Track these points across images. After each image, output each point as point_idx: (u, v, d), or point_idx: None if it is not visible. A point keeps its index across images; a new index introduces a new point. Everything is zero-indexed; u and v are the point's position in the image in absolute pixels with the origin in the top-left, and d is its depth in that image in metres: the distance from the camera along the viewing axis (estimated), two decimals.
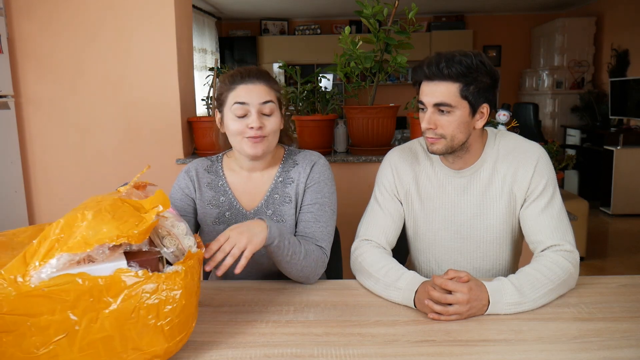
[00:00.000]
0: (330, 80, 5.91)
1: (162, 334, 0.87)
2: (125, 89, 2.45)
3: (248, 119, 1.32)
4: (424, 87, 1.29)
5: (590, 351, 0.96)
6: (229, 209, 1.44)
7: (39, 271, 0.80)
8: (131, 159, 2.47)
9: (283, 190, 1.42)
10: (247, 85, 1.34)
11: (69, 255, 0.81)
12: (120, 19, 2.39)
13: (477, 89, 1.24)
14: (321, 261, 1.33)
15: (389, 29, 2.30)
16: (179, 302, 0.87)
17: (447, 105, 1.25)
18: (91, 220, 0.84)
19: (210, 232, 1.43)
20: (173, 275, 0.87)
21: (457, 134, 1.27)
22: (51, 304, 0.80)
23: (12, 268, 0.80)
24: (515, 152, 1.34)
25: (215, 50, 6.98)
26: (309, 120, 2.50)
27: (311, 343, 1.01)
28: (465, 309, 1.08)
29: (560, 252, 1.24)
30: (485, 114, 1.29)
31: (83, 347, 0.82)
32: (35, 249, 0.82)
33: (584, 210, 3.52)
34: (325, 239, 1.37)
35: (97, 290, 0.82)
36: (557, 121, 6.59)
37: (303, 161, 1.44)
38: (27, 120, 2.49)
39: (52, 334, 0.80)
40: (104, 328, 0.83)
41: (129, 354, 0.85)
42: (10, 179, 2.39)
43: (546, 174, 1.31)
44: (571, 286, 1.24)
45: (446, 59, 1.23)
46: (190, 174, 1.46)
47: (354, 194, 2.48)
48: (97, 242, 0.82)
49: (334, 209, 1.42)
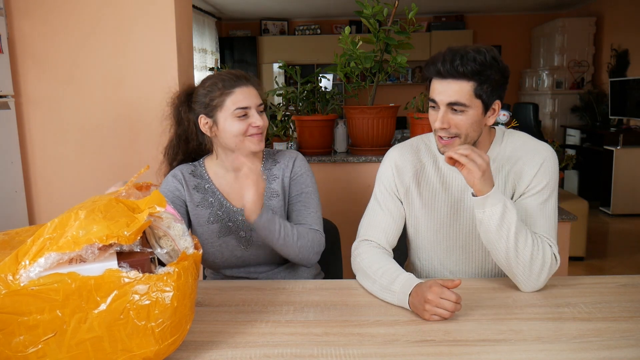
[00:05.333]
0: (330, 80, 5.91)
1: (153, 336, 0.85)
2: (126, 89, 2.45)
3: (250, 119, 1.40)
4: (436, 84, 1.25)
5: (590, 351, 0.96)
6: (220, 208, 1.47)
7: (28, 270, 0.80)
8: (131, 159, 2.47)
9: (268, 186, 1.49)
10: (243, 88, 1.41)
11: (58, 255, 0.81)
12: (120, 19, 2.39)
13: (490, 88, 1.22)
14: (317, 240, 1.43)
15: (389, 29, 2.30)
16: (170, 304, 0.86)
17: (462, 104, 1.22)
18: (83, 220, 0.84)
19: (205, 232, 1.46)
20: (165, 276, 0.86)
21: (470, 132, 1.26)
22: (40, 303, 0.80)
23: (4, 266, 0.80)
24: (522, 151, 1.33)
25: (215, 50, 6.98)
26: (309, 120, 2.50)
27: (311, 343, 1.01)
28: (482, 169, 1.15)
29: (548, 245, 1.24)
30: (497, 110, 1.28)
31: (72, 347, 0.82)
32: (28, 248, 0.83)
33: (584, 210, 3.52)
34: (317, 222, 1.47)
35: (87, 290, 0.81)
36: (557, 121, 6.59)
37: (283, 159, 1.52)
38: (27, 120, 2.49)
39: (41, 333, 0.80)
40: (93, 328, 0.82)
41: (119, 355, 0.84)
42: (10, 179, 2.39)
43: (549, 175, 1.30)
44: (538, 279, 1.22)
45: (460, 56, 1.20)
46: (178, 177, 1.49)
47: (354, 194, 2.48)
48: (86, 242, 0.82)
49: (318, 196, 1.52)
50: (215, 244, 1.46)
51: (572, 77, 6.52)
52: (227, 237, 1.45)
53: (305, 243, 1.40)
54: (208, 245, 1.46)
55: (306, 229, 1.43)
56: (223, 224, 1.46)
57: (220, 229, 1.46)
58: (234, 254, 1.46)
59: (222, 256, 1.46)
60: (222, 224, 1.46)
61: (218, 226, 1.46)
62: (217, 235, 1.45)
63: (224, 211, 1.47)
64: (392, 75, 7.48)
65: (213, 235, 1.45)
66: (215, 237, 1.45)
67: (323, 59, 7.07)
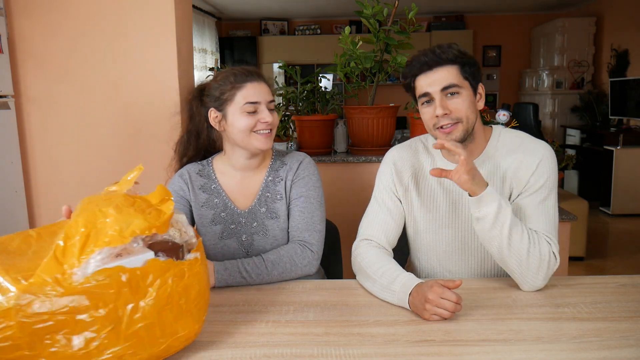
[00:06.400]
0: (330, 80, 5.90)
1: (192, 316, 0.94)
2: (126, 89, 2.45)
3: (259, 115, 1.39)
4: (423, 79, 1.29)
5: (590, 351, 0.96)
6: (224, 209, 1.46)
7: (82, 267, 0.82)
8: (131, 159, 2.47)
9: (274, 188, 1.46)
10: (254, 83, 1.40)
11: (109, 249, 0.85)
12: (120, 19, 2.39)
13: (472, 70, 1.29)
14: (299, 255, 1.36)
15: (389, 29, 2.30)
16: (200, 285, 0.96)
17: (455, 86, 1.26)
18: (117, 215, 0.88)
19: (207, 233, 1.45)
20: (193, 261, 0.94)
21: (470, 115, 1.28)
22: (95, 299, 0.82)
23: (48, 269, 0.81)
24: (520, 149, 1.33)
25: (215, 50, 6.98)
26: (309, 120, 2.50)
27: (311, 343, 1.01)
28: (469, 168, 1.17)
29: (546, 242, 1.24)
30: (483, 94, 1.34)
31: (128, 337, 0.86)
32: (65, 248, 0.84)
33: (584, 210, 3.52)
34: (311, 229, 1.41)
35: (135, 281, 0.86)
36: (557, 121, 6.59)
37: (290, 160, 1.50)
38: (27, 120, 2.49)
39: (100, 328, 0.83)
40: (145, 316, 0.87)
41: (167, 338, 0.91)
42: (10, 179, 2.39)
43: (547, 173, 1.30)
44: (537, 277, 1.22)
45: (439, 46, 1.28)
46: (184, 177, 1.49)
47: (354, 194, 2.48)
48: (131, 234, 0.86)
49: (320, 201, 1.46)
50: (217, 246, 1.45)
51: (572, 77, 6.52)
52: (228, 240, 1.45)
53: (284, 268, 1.33)
54: (210, 247, 1.45)
55: (284, 250, 1.36)
56: (226, 226, 1.45)
57: (223, 231, 1.45)
58: (234, 258, 1.42)
59: (223, 259, 1.43)
60: (225, 226, 1.45)
61: (220, 228, 1.45)
62: (219, 237, 1.45)
63: (227, 213, 1.46)
64: (392, 75, 7.46)
65: (215, 237, 1.45)
66: (217, 239, 1.45)
67: (323, 59, 7.07)
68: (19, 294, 0.77)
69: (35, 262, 0.84)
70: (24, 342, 0.78)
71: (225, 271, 1.29)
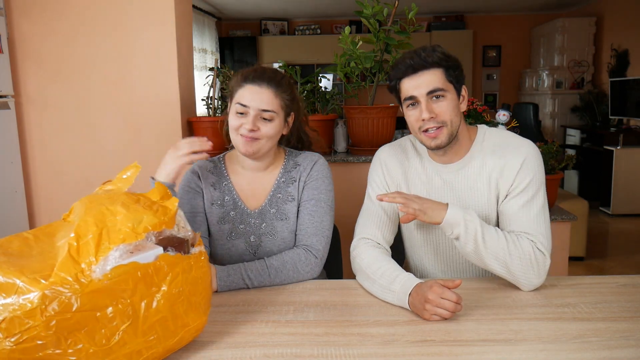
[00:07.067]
0: (330, 80, 5.90)
1: (200, 308, 0.97)
2: (126, 89, 2.45)
3: (244, 119, 1.36)
4: (408, 82, 1.30)
5: (590, 351, 0.96)
6: (234, 208, 1.45)
7: (100, 264, 0.83)
8: (131, 159, 2.45)
9: (286, 189, 1.44)
10: (254, 87, 1.36)
11: (125, 246, 0.86)
12: (121, 19, 2.39)
13: (456, 73, 1.30)
14: (302, 261, 1.35)
15: (389, 29, 2.30)
16: (206, 279, 0.99)
17: (440, 89, 1.28)
18: (127, 213, 0.89)
19: (215, 232, 1.44)
20: (198, 255, 0.97)
21: (454, 118, 1.30)
22: (114, 295, 0.84)
23: (65, 267, 0.81)
24: (504, 148, 1.33)
25: (215, 50, 6.98)
26: (309, 120, 2.49)
27: (311, 343, 1.01)
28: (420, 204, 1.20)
29: (528, 240, 1.24)
30: (466, 96, 1.35)
31: (145, 332, 0.88)
32: (79, 247, 0.84)
33: (584, 210, 3.52)
34: (319, 234, 1.40)
35: (149, 277, 0.88)
36: (557, 121, 6.59)
37: (304, 161, 1.47)
38: (27, 120, 2.49)
39: (119, 323, 0.84)
40: (159, 311, 0.89)
41: (179, 331, 0.93)
42: (10, 179, 2.39)
43: (532, 171, 1.29)
44: (528, 276, 1.22)
45: (423, 49, 1.29)
46: (197, 172, 1.48)
47: (353, 194, 2.48)
48: (143, 230, 0.89)
49: (330, 205, 1.45)
50: (224, 246, 1.44)
51: (572, 77, 6.52)
52: (236, 240, 1.43)
53: (287, 275, 1.32)
54: (217, 246, 1.44)
55: (288, 255, 1.35)
56: (234, 226, 1.43)
57: (231, 231, 1.43)
58: (242, 259, 1.42)
59: (230, 259, 1.43)
60: (234, 226, 1.43)
61: (229, 227, 1.43)
62: (226, 237, 1.43)
63: (237, 212, 1.44)
64: None
65: (223, 236, 1.43)
66: (225, 238, 1.43)
67: (323, 59, 7.07)
68: (42, 294, 0.78)
69: (45, 262, 0.84)
70: (50, 341, 0.78)
71: (228, 277, 1.28)
